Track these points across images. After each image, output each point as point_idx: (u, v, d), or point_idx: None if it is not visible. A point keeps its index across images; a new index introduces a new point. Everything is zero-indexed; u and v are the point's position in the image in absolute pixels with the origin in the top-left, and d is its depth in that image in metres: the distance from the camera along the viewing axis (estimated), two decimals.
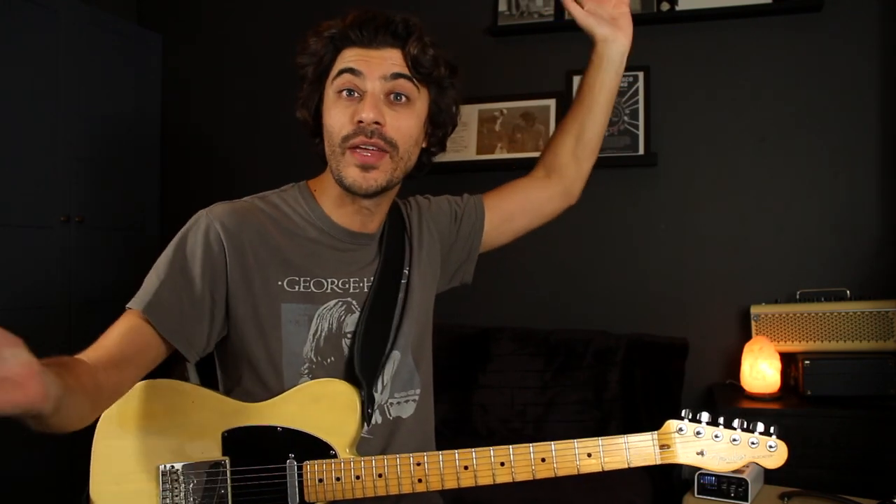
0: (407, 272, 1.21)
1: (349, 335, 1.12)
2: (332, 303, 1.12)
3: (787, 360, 2.26)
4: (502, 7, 2.69)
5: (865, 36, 2.35)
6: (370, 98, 1.04)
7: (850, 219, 2.37)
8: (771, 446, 0.99)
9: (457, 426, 2.36)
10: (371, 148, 1.04)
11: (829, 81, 2.38)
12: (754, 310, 2.31)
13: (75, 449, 2.32)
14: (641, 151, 2.51)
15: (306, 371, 1.09)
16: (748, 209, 2.46)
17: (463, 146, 2.71)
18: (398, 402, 1.17)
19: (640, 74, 2.54)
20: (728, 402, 2.14)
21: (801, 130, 2.41)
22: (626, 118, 2.54)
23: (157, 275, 1.05)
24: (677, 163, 2.53)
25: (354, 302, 1.14)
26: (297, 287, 1.10)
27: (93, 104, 2.68)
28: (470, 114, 2.72)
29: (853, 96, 2.36)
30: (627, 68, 2.56)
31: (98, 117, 2.71)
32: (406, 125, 1.07)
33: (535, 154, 2.61)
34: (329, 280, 1.12)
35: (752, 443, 0.98)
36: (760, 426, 0.99)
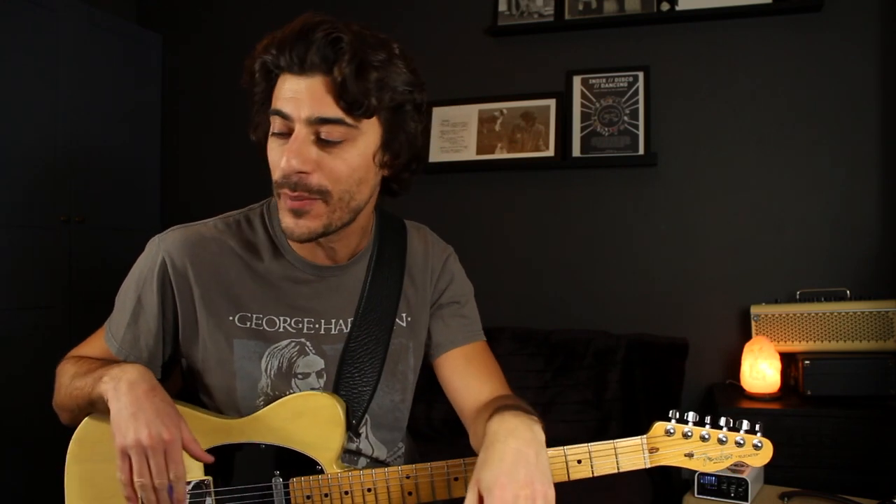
0: (405, 316, 1.14)
1: (300, 376, 1.08)
2: (283, 342, 1.07)
3: (787, 360, 2.26)
4: (502, 7, 2.69)
5: (865, 36, 2.35)
6: (292, 143, 0.94)
7: (850, 219, 2.36)
8: (756, 445, 0.97)
9: (456, 426, 2.35)
10: (298, 200, 0.96)
11: (829, 81, 2.38)
12: (754, 310, 2.31)
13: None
14: (641, 151, 2.51)
15: (262, 403, 1.07)
16: (748, 209, 2.46)
17: (463, 146, 2.71)
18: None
19: (640, 74, 2.54)
20: (728, 402, 2.14)
21: (800, 130, 2.41)
22: (626, 118, 2.54)
23: (123, 306, 1.09)
24: (677, 163, 2.53)
25: (309, 343, 1.08)
26: (248, 324, 1.06)
27: (93, 104, 2.68)
28: (470, 114, 2.72)
29: (853, 96, 2.36)
30: (627, 68, 2.60)
31: (98, 117, 2.71)
32: (339, 168, 0.96)
33: (535, 154, 2.64)
34: (282, 318, 1.07)
35: (739, 442, 0.97)
36: (746, 424, 0.98)
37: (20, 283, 2.41)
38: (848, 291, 2.27)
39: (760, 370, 2.18)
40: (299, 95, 0.93)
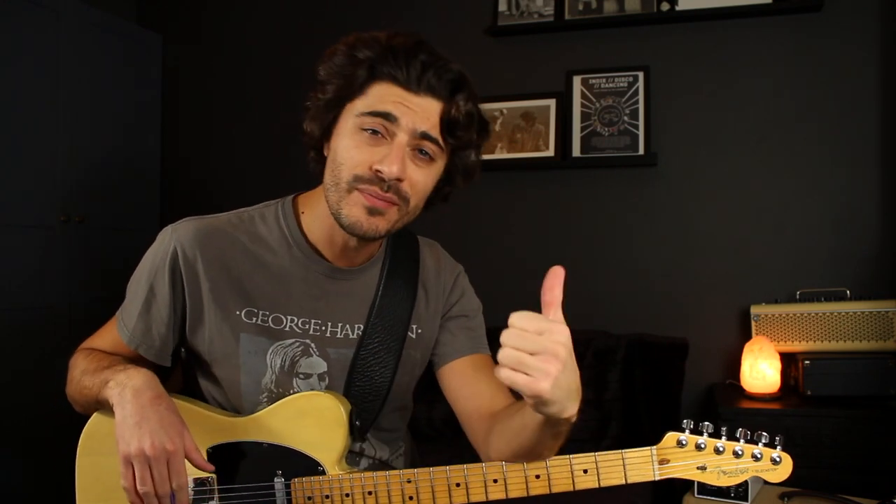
0: (416, 328, 1.15)
1: (302, 376, 1.09)
2: (288, 341, 1.08)
3: (787, 360, 2.26)
4: (502, 7, 2.69)
5: (865, 36, 2.35)
6: (397, 149, 0.96)
7: (850, 219, 2.36)
8: (775, 459, 0.93)
9: (457, 426, 2.35)
10: (382, 200, 0.98)
11: (829, 81, 2.38)
12: (754, 310, 2.31)
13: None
14: (641, 151, 2.51)
15: (265, 399, 1.07)
16: (748, 209, 2.46)
17: None
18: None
19: (640, 74, 2.54)
20: (728, 402, 2.14)
21: (800, 130, 2.41)
22: (626, 118, 2.54)
23: (134, 295, 1.09)
24: (677, 163, 2.53)
25: (313, 345, 1.09)
26: (254, 319, 1.07)
27: (93, 104, 2.68)
28: None
29: (853, 96, 2.36)
30: (627, 68, 2.59)
31: (98, 117, 2.71)
32: (423, 182, 1.01)
33: (535, 154, 2.64)
34: (289, 317, 1.08)
35: (756, 455, 0.93)
36: (765, 437, 0.93)
37: (20, 283, 2.40)
38: (848, 291, 2.27)
39: (760, 370, 2.18)
40: (412, 108, 0.97)
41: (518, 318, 0.78)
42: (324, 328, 1.09)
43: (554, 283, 0.81)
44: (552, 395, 0.77)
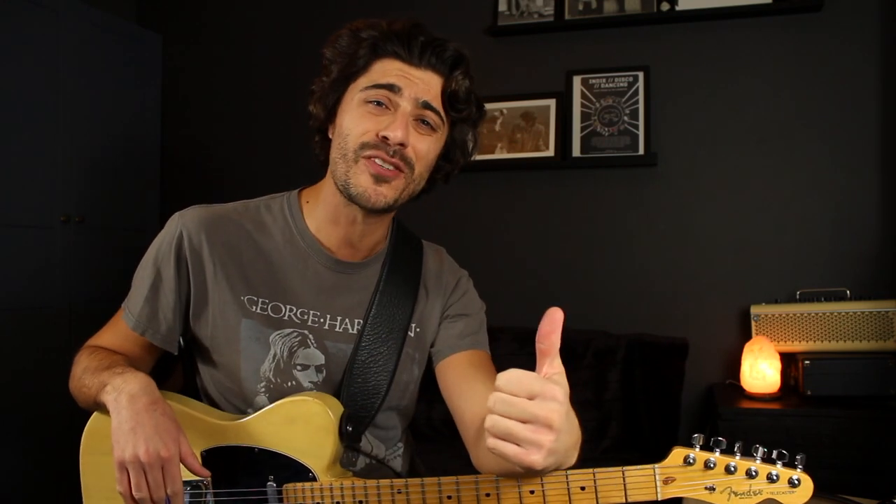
0: (415, 327, 1.15)
1: (299, 367, 1.09)
2: (286, 330, 1.09)
3: (787, 360, 2.26)
4: (502, 7, 2.69)
5: (865, 36, 2.35)
6: (401, 117, 1.01)
7: (850, 219, 2.37)
8: (793, 481, 0.84)
9: (455, 426, 2.35)
10: (388, 167, 1.01)
11: (829, 81, 2.38)
12: (754, 310, 2.31)
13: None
14: (641, 151, 2.51)
15: (262, 389, 1.07)
16: (748, 209, 2.46)
17: None
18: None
19: (640, 74, 2.54)
20: (728, 402, 2.14)
21: (800, 130, 2.41)
22: (626, 118, 2.54)
23: (140, 282, 1.10)
24: (677, 163, 2.53)
25: (311, 336, 1.09)
26: (254, 307, 1.08)
27: (93, 104, 2.68)
28: None
29: (853, 96, 2.36)
30: (627, 68, 2.59)
31: (98, 117, 2.71)
32: (426, 150, 1.05)
33: (535, 154, 2.64)
34: (288, 307, 1.09)
35: (772, 476, 0.84)
36: (784, 456, 0.86)
37: (20, 283, 2.40)
38: (848, 291, 2.27)
39: (760, 370, 2.18)
40: (414, 80, 1.02)
41: (507, 382, 0.72)
42: (322, 320, 1.10)
43: (550, 329, 0.74)
44: (545, 466, 0.72)
